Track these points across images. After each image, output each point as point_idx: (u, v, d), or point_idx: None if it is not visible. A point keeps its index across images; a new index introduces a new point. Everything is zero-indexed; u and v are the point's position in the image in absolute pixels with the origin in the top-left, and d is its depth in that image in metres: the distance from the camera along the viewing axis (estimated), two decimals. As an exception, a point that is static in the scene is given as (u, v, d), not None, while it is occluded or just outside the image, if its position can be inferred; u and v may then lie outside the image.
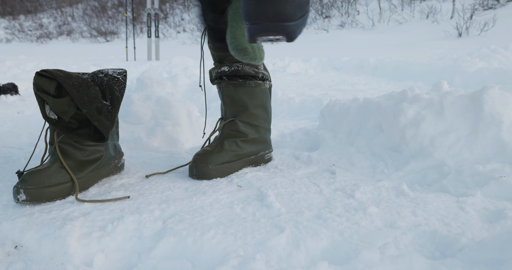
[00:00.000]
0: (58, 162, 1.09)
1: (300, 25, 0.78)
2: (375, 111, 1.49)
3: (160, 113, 1.80)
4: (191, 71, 4.86)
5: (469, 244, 0.82)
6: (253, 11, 0.74)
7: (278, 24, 0.73)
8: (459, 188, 1.14)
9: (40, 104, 1.10)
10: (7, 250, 0.85)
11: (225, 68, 1.34)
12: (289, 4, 0.73)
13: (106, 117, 1.16)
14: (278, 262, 0.80)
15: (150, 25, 9.82)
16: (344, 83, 4.30)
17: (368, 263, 0.76)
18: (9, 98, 3.36)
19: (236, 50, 1.13)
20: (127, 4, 10.78)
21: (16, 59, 7.39)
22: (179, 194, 1.13)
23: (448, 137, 1.29)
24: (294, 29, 0.76)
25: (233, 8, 1.22)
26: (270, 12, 0.72)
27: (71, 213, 0.98)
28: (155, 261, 0.81)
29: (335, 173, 1.30)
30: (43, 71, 1.05)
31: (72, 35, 21.10)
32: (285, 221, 0.94)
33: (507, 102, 1.31)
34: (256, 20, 0.74)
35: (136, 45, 9.82)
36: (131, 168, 1.37)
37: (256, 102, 1.36)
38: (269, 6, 0.72)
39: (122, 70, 1.27)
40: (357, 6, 15.71)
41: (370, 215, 0.97)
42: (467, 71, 3.84)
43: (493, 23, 10.42)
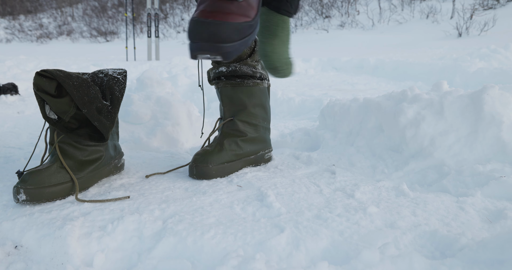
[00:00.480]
0: (58, 162, 1.09)
1: (238, 47, 0.82)
2: (375, 111, 1.49)
3: (160, 113, 1.80)
4: (191, 71, 4.86)
5: (469, 244, 0.82)
6: (191, 30, 0.79)
7: (212, 44, 0.78)
8: (459, 188, 1.14)
9: (40, 104, 1.10)
10: (7, 250, 0.85)
11: (222, 69, 1.34)
12: (224, 27, 0.79)
13: (106, 117, 1.16)
14: (278, 262, 0.80)
15: (150, 25, 9.82)
16: (344, 83, 4.30)
17: (368, 263, 0.76)
18: (9, 98, 3.36)
19: (269, 69, 1.19)
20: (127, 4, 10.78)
21: (16, 59, 7.39)
22: (179, 194, 1.13)
23: (448, 137, 1.29)
24: (230, 50, 0.80)
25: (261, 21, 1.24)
26: (205, 33, 0.78)
27: (71, 213, 0.98)
28: (155, 261, 0.81)
29: (335, 173, 1.30)
30: (43, 71, 1.05)
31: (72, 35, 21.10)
32: (285, 221, 0.94)
33: (507, 102, 1.31)
34: (194, 39, 0.79)
35: (136, 45, 9.82)
36: (131, 168, 1.37)
37: (254, 101, 1.37)
38: (204, 27, 0.78)
39: (122, 70, 1.27)
40: (357, 6, 15.71)
41: (370, 215, 0.97)
42: (467, 71, 3.84)
43: (493, 23, 10.42)
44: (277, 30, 1.20)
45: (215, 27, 0.79)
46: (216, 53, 0.80)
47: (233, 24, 0.80)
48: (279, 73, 1.20)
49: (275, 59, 1.18)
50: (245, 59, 1.35)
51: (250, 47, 1.35)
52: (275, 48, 1.18)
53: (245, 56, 1.35)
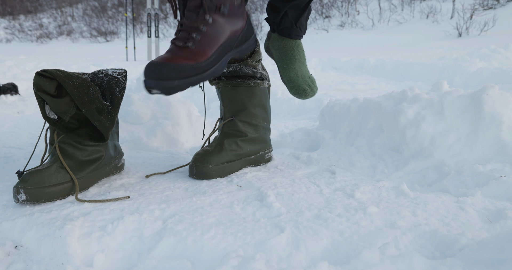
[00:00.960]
0: (58, 162, 1.09)
1: (177, 84, 0.94)
2: (375, 111, 1.49)
3: (160, 113, 1.80)
4: (191, 71, 4.85)
5: (469, 244, 0.82)
6: (144, 70, 0.93)
7: (153, 81, 0.92)
8: (459, 188, 1.14)
9: (40, 104, 1.10)
10: (7, 250, 0.85)
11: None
12: (163, 67, 0.92)
13: (106, 117, 1.16)
14: (278, 262, 0.80)
15: (150, 25, 9.82)
16: (344, 83, 4.30)
17: (368, 263, 0.76)
18: (9, 98, 3.36)
19: (298, 94, 1.28)
20: (127, 4, 10.78)
21: (16, 59, 7.39)
22: (179, 194, 1.13)
23: (448, 137, 1.29)
24: (168, 86, 0.93)
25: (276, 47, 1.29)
26: (148, 72, 0.93)
27: (71, 213, 0.98)
28: (155, 261, 0.81)
29: (335, 173, 1.30)
30: (43, 71, 1.05)
31: (72, 35, 21.09)
32: (285, 221, 0.94)
33: (507, 102, 1.31)
34: (144, 76, 0.93)
35: (136, 45, 9.82)
36: (131, 168, 1.37)
37: (255, 102, 1.37)
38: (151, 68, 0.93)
39: (122, 70, 1.27)
40: (357, 6, 15.71)
41: (370, 215, 0.97)
42: (467, 71, 3.84)
43: (493, 23, 10.42)
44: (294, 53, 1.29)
45: (156, 66, 0.92)
46: (156, 88, 0.93)
47: (172, 65, 0.93)
48: (308, 95, 1.29)
49: (301, 82, 1.28)
50: (246, 60, 1.35)
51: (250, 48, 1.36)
52: (297, 71, 1.27)
53: (246, 56, 1.35)
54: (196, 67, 0.97)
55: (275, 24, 1.31)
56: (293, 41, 1.31)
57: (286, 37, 1.31)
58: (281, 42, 1.32)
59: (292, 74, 1.28)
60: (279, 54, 1.32)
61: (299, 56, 1.30)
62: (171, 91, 0.95)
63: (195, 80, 0.97)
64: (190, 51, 0.97)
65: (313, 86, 1.30)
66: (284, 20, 1.28)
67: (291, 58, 1.30)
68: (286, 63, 1.30)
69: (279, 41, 1.32)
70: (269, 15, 1.32)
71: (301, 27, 1.31)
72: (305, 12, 1.28)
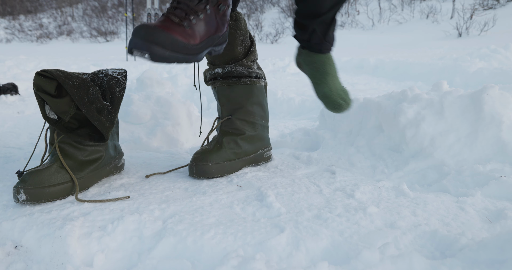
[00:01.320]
0: (58, 162, 1.09)
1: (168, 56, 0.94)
2: (375, 111, 1.49)
3: (160, 113, 1.80)
4: (191, 71, 4.86)
5: (469, 244, 0.82)
6: (135, 29, 0.93)
7: (145, 42, 0.90)
8: (459, 188, 1.14)
9: (40, 104, 1.10)
10: (7, 250, 0.85)
11: (218, 70, 1.35)
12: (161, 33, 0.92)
13: (106, 117, 1.16)
14: (278, 262, 0.80)
15: (150, 25, 9.81)
16: (344, 83, 4.29)
17: (368, 263, 0.76)
18: (9, 98, 3.36)
19: (334, 109, 1.29)
20: (127, 4, 10.77)
21: (16, 59, 7.39)
22: (179, 194, 1.13)
23: (448, 137, 1.29)
24: (158, 54, 0.92)
25: (308, 63, 1.30)
26: (143, 32, 0.91)
27: (71, 213, 0.98)
28: (155, 261, 0.81)
29: (335, 173, 1.30)
30: (43, 71, 1.05)
31: (72, 35, 21.09)
32: (285, 221, 0.94)
33: (507, 102, 1.31)
34: (134, 35, 0.92)
35: (136, 45, 9.80)
36: (131, 168, 1.37)
37: (252, 100, 1.37)
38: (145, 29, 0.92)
39: (122, 70, 1.27)
40: (357, 6, 15.71)
41: (370, 215, 0.97)
42: (467, 71, 3.84)
43: (493, 23, 10.42)
44: (326, 68, 1.30)
45: (154, 30, 0.92)
46: (147, 50, 0.91)
47: (169, 35, 0.93)
48: (344, 109, 1.29)
49: (336, 97, 1.28)
50: (241, 60, 1.35)
51: (245, 46, 1.35)
52: (331, 86, 1.28)
53: (241, 56, 1.35)
54: (187, 47, 0.97)
55: (304, 41, 1.32)
56: (324, 56, 1.32)
57: (317, 53, 1.31)
58: (312, 58, 1.32)
59: (326, 90, 1.28)
60: (311, 69, 1.33)
61: (331, 70, 1.31)
62: (159, 59, 0.93)
63: (181, 59, 0.98)
64: (185, 30, 0.97)
65: (347, 99, 1.29)
66: (313, 36, 1.28)
67: (323, 73, 1.30)
68: (319, 79, 1.30)
69: (310, 56, 1.33)
70: (297, 32, 1.32)
71: (330, 40, 1.31)
72: (332, 25, 1.28)
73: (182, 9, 1.00)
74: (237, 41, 1.33)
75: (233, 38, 1.32)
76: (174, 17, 0.98)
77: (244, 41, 1.35)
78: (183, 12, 0.99)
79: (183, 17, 0.99)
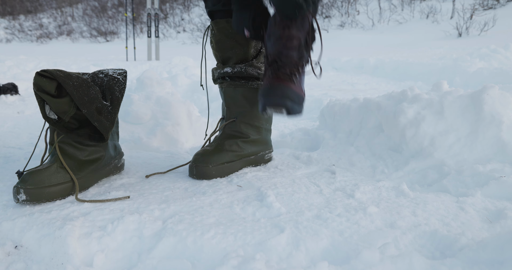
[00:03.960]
0: (58, 162, 1.09)
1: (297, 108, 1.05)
2: (375, 111, 1.49)
3: (160, 113, 1.80)
4: (191, 71, 4.86)
5: (469, 244, 0.82)
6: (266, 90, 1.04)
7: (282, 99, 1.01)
8: (459, 188, 1.14)
9: (40, 104, 1.10)
10: (7, 250, 0.85)
11: (228, 69, 1.34)
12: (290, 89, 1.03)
13: (106, 118, 1.16)
14: (278, 262, 0.80)
15: (150, 25, 9.82)
16: (344, 83, 4.30)
17: (368, 263, 0.76)
18: (9, 98, 3.36)
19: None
20: (127, 4, 10.78)
21: (16, 59, 7.39)
22: (179, 194, 1.13)
23: (448, 137, 1.29)
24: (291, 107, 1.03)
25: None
26: (279, 91, 1.03)
27: (71, 213, 0.98)
28: (155, 261, 0.81)
29: (335, 173, 1.30)
30: (43, 71, 1.05)
31: (72, 35, 21.09)
32: (285, 221, 0.94)
33: (507, 102, 1.31)
34: (268, 95, 1.02)
35: (136, 45, 9.82)
36: (131, 168, 1.37)
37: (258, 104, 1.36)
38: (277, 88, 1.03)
39: (122, 71, 1.27)
40: (357, 6, 15.71)
41: (370, 215, 0.97)
42: (467, 71, 3.84)
43: (493, 23, 10.42)
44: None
45: (284, 88, 1.03)
46: (283, 106, 1.02)
47: (294, 91, 1.05)
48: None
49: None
50: (251, 61, 1.35)
51: (256, 49, 1.35)
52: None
53: (251, 57, 1.35)
54: (303, 100, 1.09)
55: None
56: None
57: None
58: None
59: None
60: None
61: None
62: (292, 111, 1.03)
63: (301, 111, 1.08)
64: (297, 85, 1.07)
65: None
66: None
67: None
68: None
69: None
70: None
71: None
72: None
73: (285, 66, 1.09)
74: (251, 42, 1.33)
75: (246, 39, 1.32)
76: (283, 75, 1.07)
77: (256, 42, 1.35)
78: (286, 69, 1.09)
79: (290, 73, 1.09)
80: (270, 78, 1.07)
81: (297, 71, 1.10)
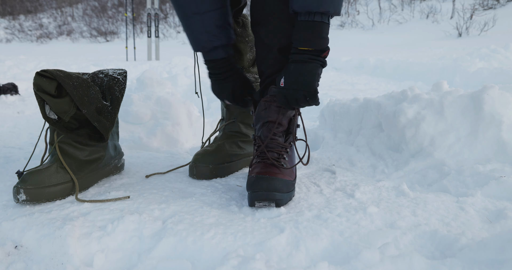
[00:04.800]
0: (58, 162, 1.09)
1: (286, 197, 1.03)
2: (375, 111, 1.49)
3: (160, 113, 1.80)
4: (191, 71, 4.86)
5: (469, 244, 0.82)
6: (252, 183, 1.02)
7: (269, 193, 1.00)
8: (459, 188, 1.14)
9: (40, 104, 1.10)
10: (7, 250, 0.85)
11: None
12: (277, 181, 1.01)
13: (106, 118, 1.16)
14: (278, 262, 0.80)
15: (150, 25, 9.82)
16: (344, 83, 4.30)
17: (368, 263, 0.76)
18: (9, 98, 3.36)
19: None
20: (127, 4, 10.77)
21: (16, 59, 7.39)
22: (179, 194, 1.13)
23: (448, 137, 1.29)
24: (281, 198, 1.01)
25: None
26: (264, 184, 1.00)
27: (71, 213, 0.98)
28: (155, 261, 0.81)
29: (335, 173, 1.30)
30: (43, 71, 1.05)
31: (72, 35, 21.09)
32: (285, 221, 0.94)
33: (507, 102, 1.31)
34: (255, 189, 1.00)
35: (136, 45, 9.81)
36: (131, 168, 1.37)
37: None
38: (263, 181, 1.01)
39: (123, 71, 1.27)
40: (357, 6, 15.71)
41: (370, 215, 0.97)
42: (467, 71, 3.84)
43: (493, 23, 10.42)
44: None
45: (271, 180, 1.01)
46: (271, 200, 1.00)
47: (281, 180, 1.03)
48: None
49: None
50: (247, 68, 1.36)
51: (253, 52, 1.36)
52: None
53: (248, 63, 1.35)
54: (292, 183, 1.08)
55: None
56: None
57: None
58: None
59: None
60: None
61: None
62: (281, 203, 1.02)
63: (292, 195, 1.08)
64: (285, 170, 1.08)
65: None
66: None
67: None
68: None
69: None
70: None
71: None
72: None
73: (274, 150, 1.10)
74: (247, 49, 1.33)
75: (244, 46, 1.32)
76: (270, 160, 1.07)
77: (252, 47, 1.35)
78: (275, 153, 1.10)
79: (278, 158, 1.09)
80: (258, 166, 1.07)
81: (285, 151, 1.11)
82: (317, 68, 1.04)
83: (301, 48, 1.03)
